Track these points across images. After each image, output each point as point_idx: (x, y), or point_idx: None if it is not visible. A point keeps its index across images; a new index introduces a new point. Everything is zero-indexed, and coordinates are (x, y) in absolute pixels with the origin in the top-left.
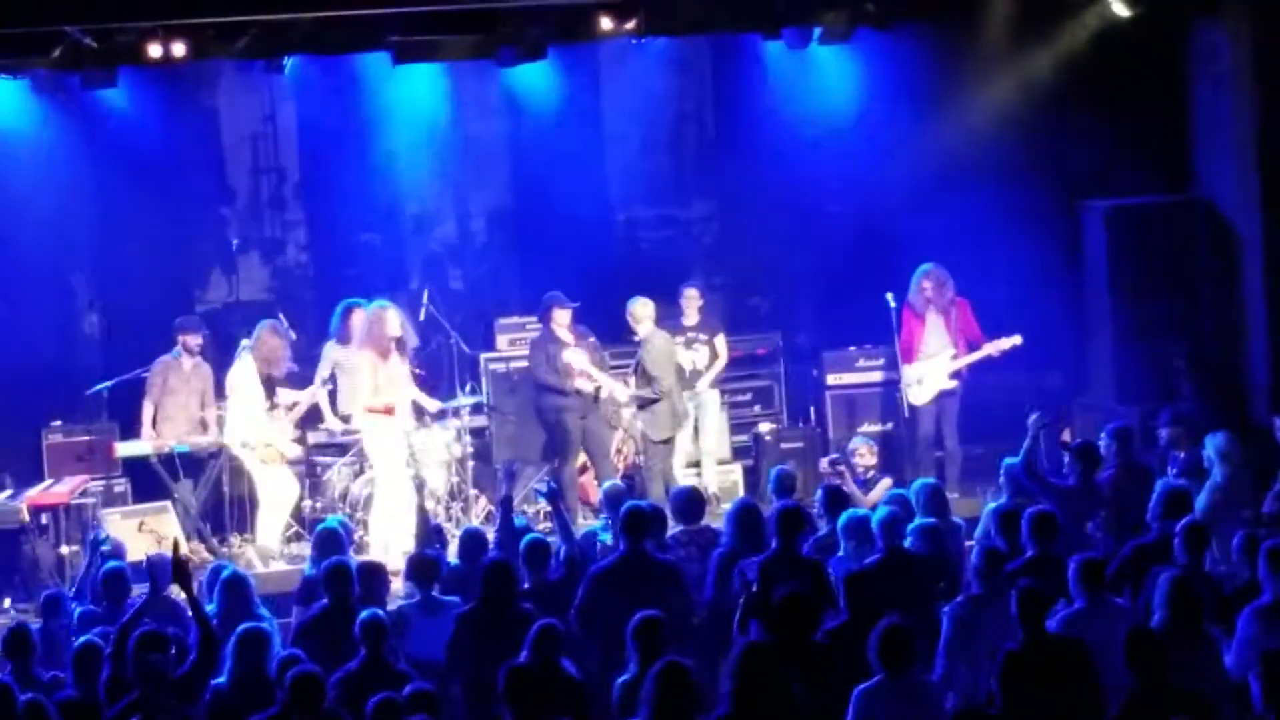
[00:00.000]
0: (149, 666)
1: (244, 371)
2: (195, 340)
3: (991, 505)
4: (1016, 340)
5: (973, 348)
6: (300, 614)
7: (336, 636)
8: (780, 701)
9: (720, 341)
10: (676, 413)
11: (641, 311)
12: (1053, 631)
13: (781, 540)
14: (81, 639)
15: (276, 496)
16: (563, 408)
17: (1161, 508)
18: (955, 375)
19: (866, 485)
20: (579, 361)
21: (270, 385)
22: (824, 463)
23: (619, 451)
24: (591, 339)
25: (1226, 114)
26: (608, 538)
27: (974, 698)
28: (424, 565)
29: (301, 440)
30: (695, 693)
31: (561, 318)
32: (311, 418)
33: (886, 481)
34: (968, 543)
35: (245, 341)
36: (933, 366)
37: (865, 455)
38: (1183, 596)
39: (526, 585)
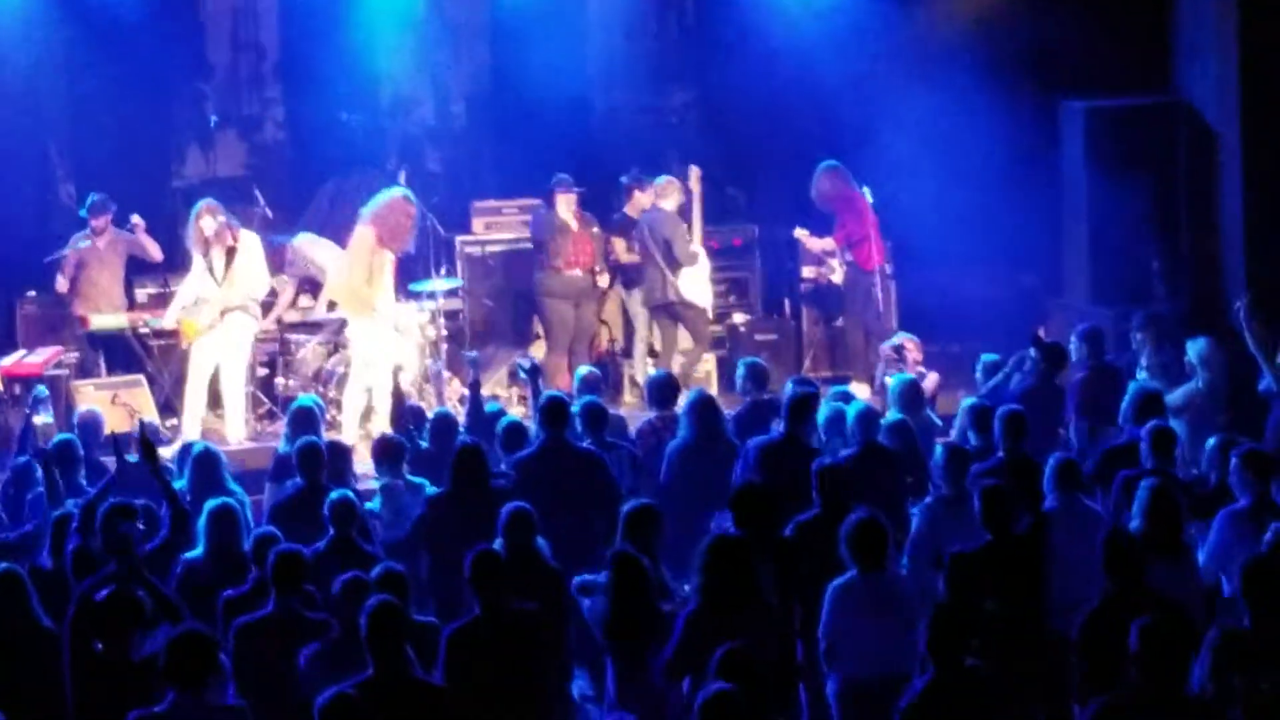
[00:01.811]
0: (119, 537)
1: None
2: (100, 221)
3: (967, 402)
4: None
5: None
6: (274, 492)
7: (309, 516)
8: (749, 594)
9: None
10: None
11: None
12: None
13: (789, 425)
14: (59, 511)
15: (226, 379)
16: (555, 292)
17: (1134, 410)
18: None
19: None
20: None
21: (212, 261)
22: (886, 348)
23: (595, 339)
24: (595, 229)
25: (1209, 14)
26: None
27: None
28: (390, 447)
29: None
30: (649, 577)
31: (567, 202)
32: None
33: (935, 376)
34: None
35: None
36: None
37: (912, 350)
38: (1162, 505)
39: (504, 467)
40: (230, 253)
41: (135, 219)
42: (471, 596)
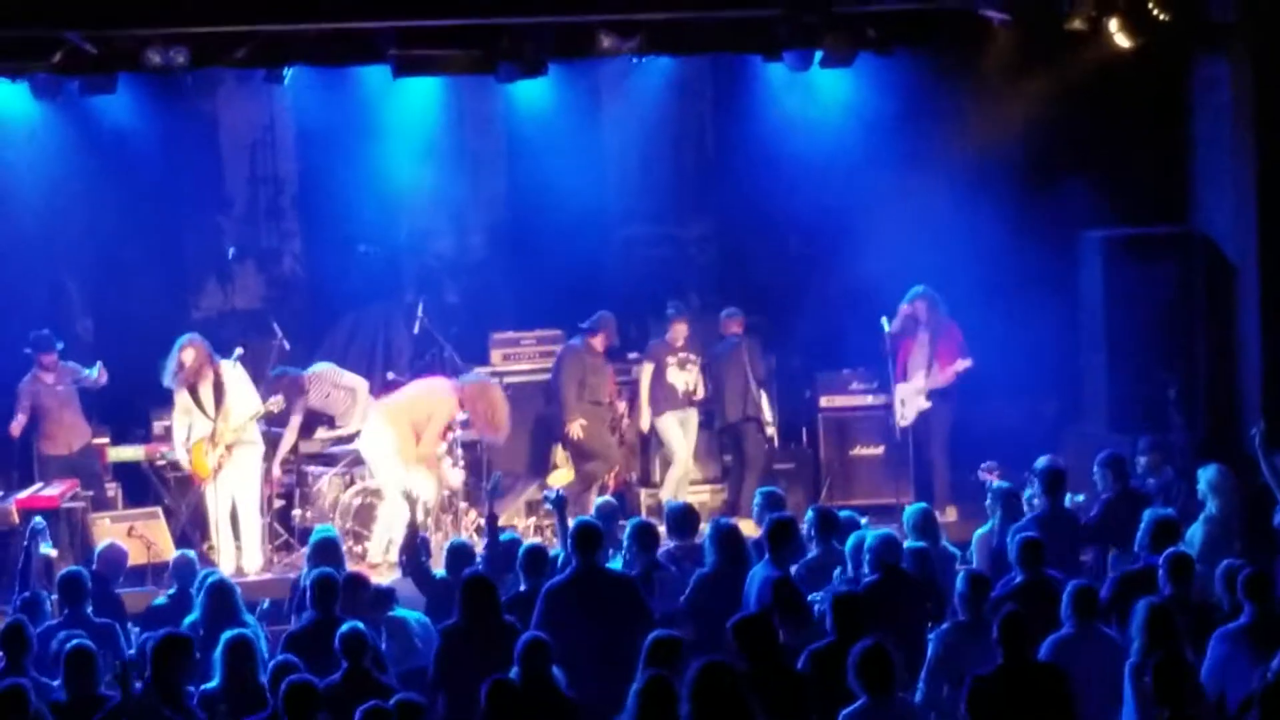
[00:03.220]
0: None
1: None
2: (49, 358)
3: (980, 531)
4: (966, 363)
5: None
6: (293, 624)
7: (322, 648)
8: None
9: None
10: None
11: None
12: (1038, 657)
13: (770, 553)
14: (74, 642)
15: (243, 510)
16: (592, 418)
17: (1149, 537)
18: (931, 396)
19: None
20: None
21: (204, 395)
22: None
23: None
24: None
25: (1226, 147)
26: (618, 563)
27: None
28: (379, 597)
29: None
30: (678, 705)
31: (609, 339)
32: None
33: None
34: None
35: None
36: (911, 388)
37: None
38: (1159, 624)
39: (523, 589)
40: (218, 386)
41: (100, 367)
42: None
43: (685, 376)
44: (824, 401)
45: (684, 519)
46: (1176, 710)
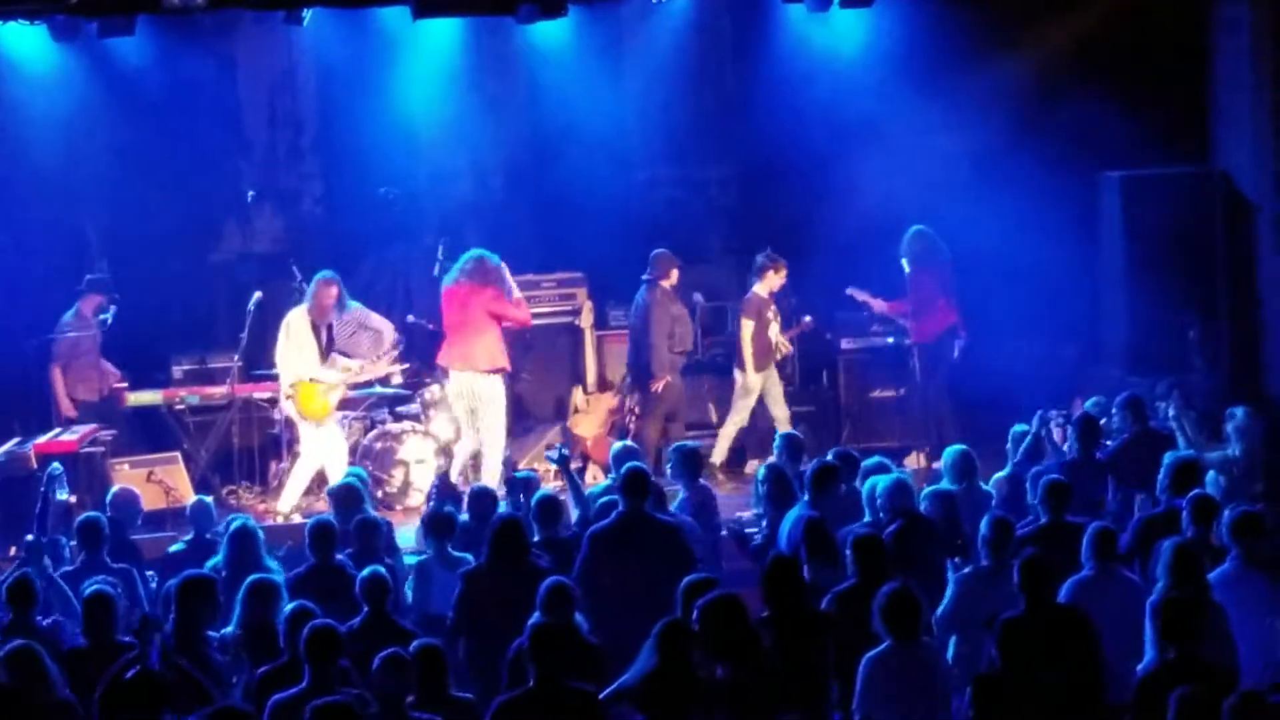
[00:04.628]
0: (145, 621)
1: (296, 321)
2: (98, 300)
3: (998, 475)
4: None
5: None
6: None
7: (322, 594)
8: (749, 650)
9: None
10: None
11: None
12: (1059, 600)
13: (812, 497)
14: (93, 587)
15: (312, 457)
16: (674, 368)
17: (1170, 480)
18: (918, 338)
19: None
20: None
21: (322, 336)
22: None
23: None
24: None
25: (1247, 87)
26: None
27: (975, 666)
28: (440, 521)
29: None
30: (693, 651)
31: (676, 276)
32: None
33: None
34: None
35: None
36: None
37: None
38: (1185, 564)
39: (538, 538)
40: (330, 330)
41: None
42: (526, 668)
43: (775, 329)
44: (844, 344)
45: (695, 461)
46: (1184, 648)
